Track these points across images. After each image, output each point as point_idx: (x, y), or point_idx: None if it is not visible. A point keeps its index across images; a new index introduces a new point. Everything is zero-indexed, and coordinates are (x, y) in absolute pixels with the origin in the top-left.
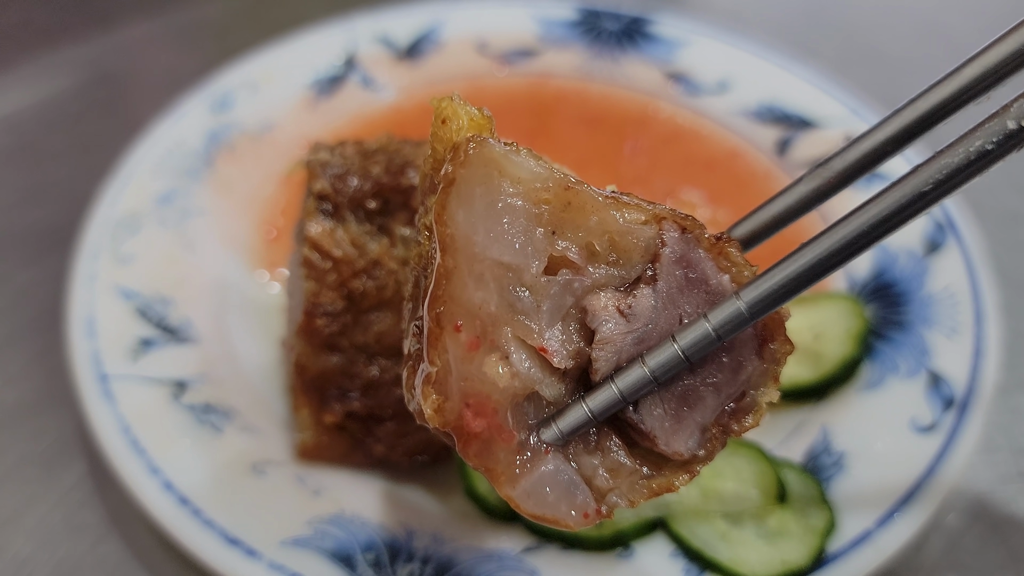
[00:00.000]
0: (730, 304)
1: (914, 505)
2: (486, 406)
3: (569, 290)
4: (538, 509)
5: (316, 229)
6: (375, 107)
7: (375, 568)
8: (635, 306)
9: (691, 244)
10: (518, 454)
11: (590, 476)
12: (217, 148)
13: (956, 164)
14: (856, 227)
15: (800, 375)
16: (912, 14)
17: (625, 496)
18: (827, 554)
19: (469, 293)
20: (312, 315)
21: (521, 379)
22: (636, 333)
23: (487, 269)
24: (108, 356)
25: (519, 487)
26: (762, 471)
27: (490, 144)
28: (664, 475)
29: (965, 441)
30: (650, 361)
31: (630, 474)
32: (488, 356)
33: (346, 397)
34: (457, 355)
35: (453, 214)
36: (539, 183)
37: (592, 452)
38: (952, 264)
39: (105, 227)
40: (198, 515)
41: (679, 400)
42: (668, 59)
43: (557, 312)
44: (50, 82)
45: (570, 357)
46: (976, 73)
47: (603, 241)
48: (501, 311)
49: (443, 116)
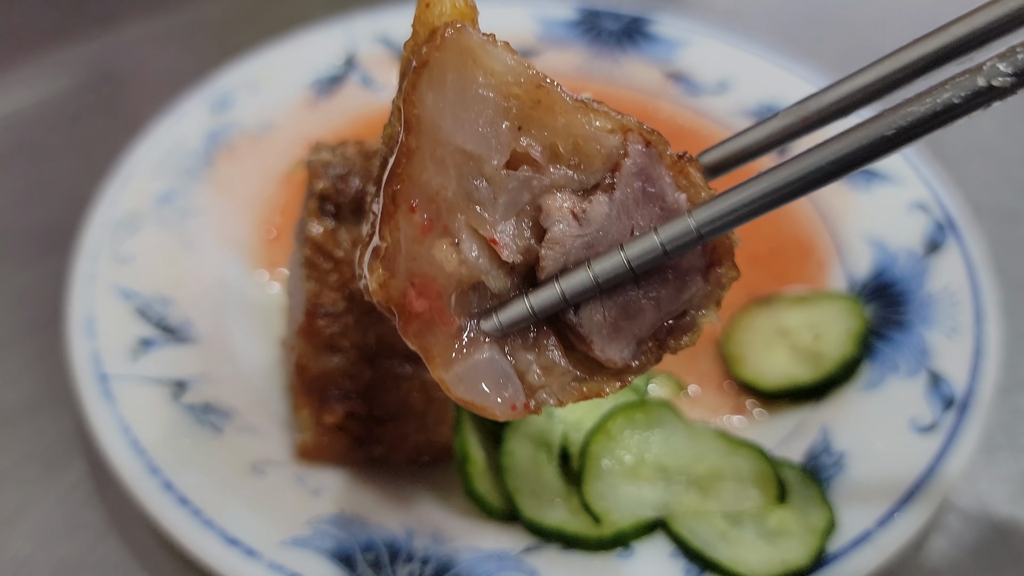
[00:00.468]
0: (681, 221)
1: (914, 505)
2: (431, 288)
3: (527, 187)
4: (468, 395)
5: (318, 230)
6: (375, 107)
7: (375, 568)
8: (589, 211)
9: (653, 159)
10: (456, 339)
11: (524, 371)
12: (217, 148)
13: (921, 113)
14: (814, 162)
15: (800, 375)
16: (912, 14)
17: (555, 395)
18: (827, 554)
19: (428, 176)
20: (313, 316)
21: (468, 267)
22: (586, 238)
23: (449, 155)
24: (108, 356)
25: (452, 371)
26: (762, 471)
27: (468, 32)
28: (595, 380)
29: (965, 441)
30: (596, 266)
31: (562, 374)
32: (439, 240)
33: (347, 398)
34: (408, 235)
35: (422, 95)
36: (511, 77)
37: (529, 348)
38: (952, 264)
39: (105, 227)
40: (198, 515)
41: (620, 310)
42: (668, 59)
43: (512, 207)
44: (50, 82)
45: (519, 252)
46: (962, 33)
47: (567, 143)
48: (457, 198)
49: (427, 0)
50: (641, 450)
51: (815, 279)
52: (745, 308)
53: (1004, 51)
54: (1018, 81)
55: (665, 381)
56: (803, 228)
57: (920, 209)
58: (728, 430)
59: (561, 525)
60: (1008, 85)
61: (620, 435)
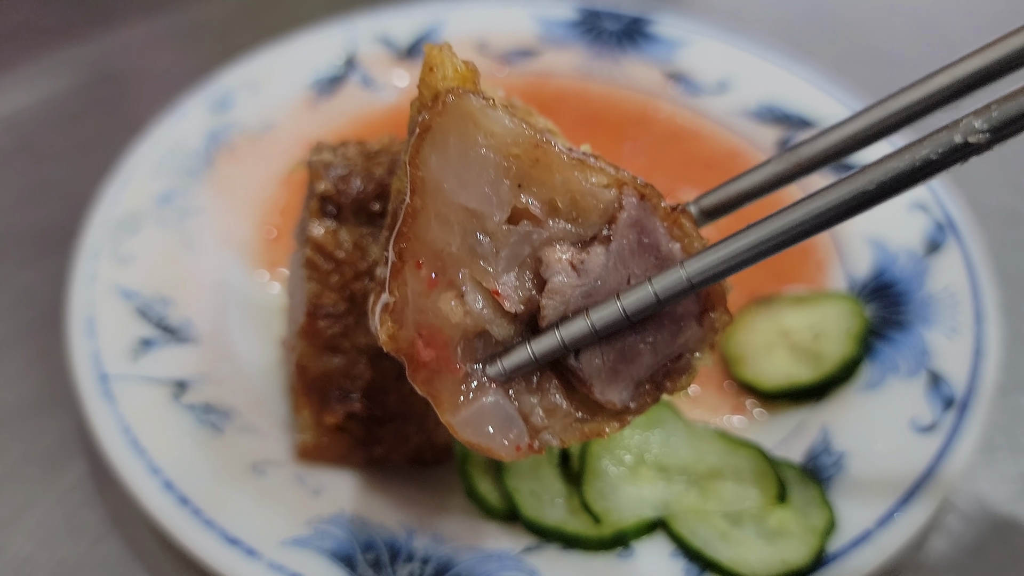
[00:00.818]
0: (674, 272)
1: (914, 505)
2: (437, 338)
3: (528, 240)
4: (474, 437)
5: (319, 230)
6: (375, 107)
7: (375, 568)
8: (587, 262)
9: (648, 211)
10: (462, 385)
11: (527, 413)
12: (217, 148)
13: (901, 169)
14: (799, 216)
15: (800, 375)
16: (912, 14)
17: (558, 435)
18: (827, 554)
19: (433, 233)
20: (314, 316)
21: (473, 317)
22: (585, 287)
23: (453, 213)
24: (108, 356)
25: (459, 415)
26: (762, 471)
27: (469, 97)
28: (596, 421)
29: (965, 441)
30: (594, 315)
31: (565, 416)
32: (444, 293)
33: (347, 398)
34: (415, 289)
35: (426, 158)
36: (510, 138)
37: (532, 392)
38: (952, 264)
39: (105, 227)
40: (198, 515)
41: (618, 354)
42: (668, 59)
43: (514, 259)
44: (50, 82)
45: (521, 302)
46: (945, 83)
47: (565, 199)
48: (461, 253)
49: (431, 64)
50: (641, 450)
51: (815, 279)
52: (745, 308)
53: (980, 108)
54: (993, 137)
55: None
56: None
57: (920, 209)
58: (728, 430)
59: (561, 525)
60: (984, 142)
61: (620, 435)
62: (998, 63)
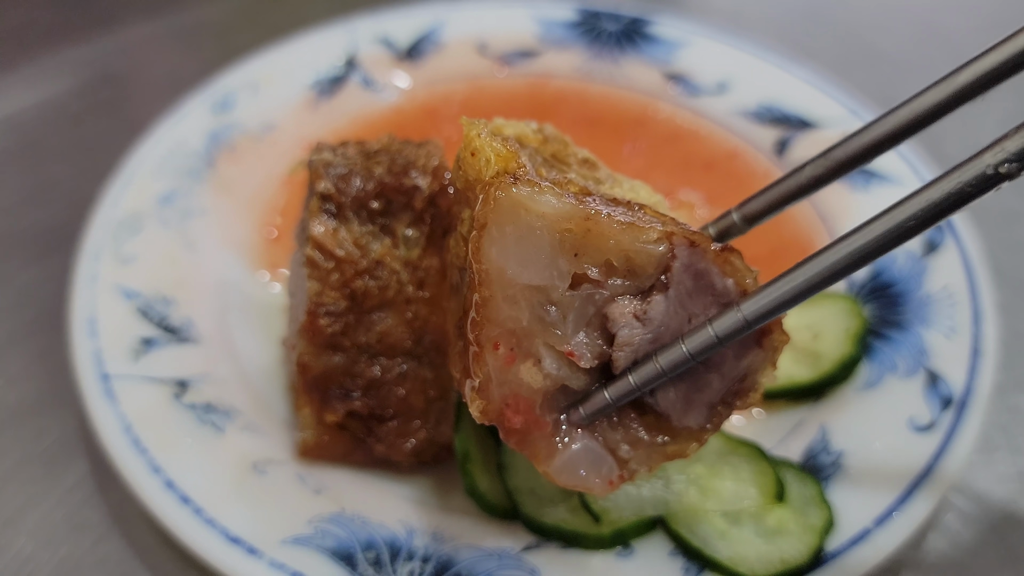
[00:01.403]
0: (732, 315)
1: (912, 504)
2: (522, 404)
3: (591, 301)
4: (571, 481)
5: (320, 229)
6: (376, 108)
7: (375, 567)
8: (650, 311)
9: (699, 255)
10: (552, 436)
11: (614, 448)
12: (218, 148)
13: (937, 200)
14: (845, 254)
15: (798, 374)
16: (911, 15)
17: (644, 463)
18: (826, 552)
19: (504, 314)
20: (315, 315)
21: (552, 379)
22: (650, 334)
23: (519, 292)
24: (109, 356)
25: (554, 464)
26: (761, 470)
27: (516, 189)
28: (677, 443)
29: (963, 440)
30: (662, 359)
31: (648, 445)
32: (523, 363)
33: (348, 396)
34: (496, 367)
35: (487, 253)
36: (562, 216)
37: (615, 428)
38: (950, 264)
39: (106, 227)
40: (199, 514)
41: (689, 386)
42: (667, 60)
43: (581, 320)
44: (51, 83)
45: (594, 358)
46: (971, 77)
47: (620, 258)
48: (532, 325)
49: (472, 149)
50: None
51: None
52: None
53: (1005, 134)
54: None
55: None
56: (803, 228)
57: None
58: (727, 429)
59: (561, 524)
60: (1015, 171)
61: None
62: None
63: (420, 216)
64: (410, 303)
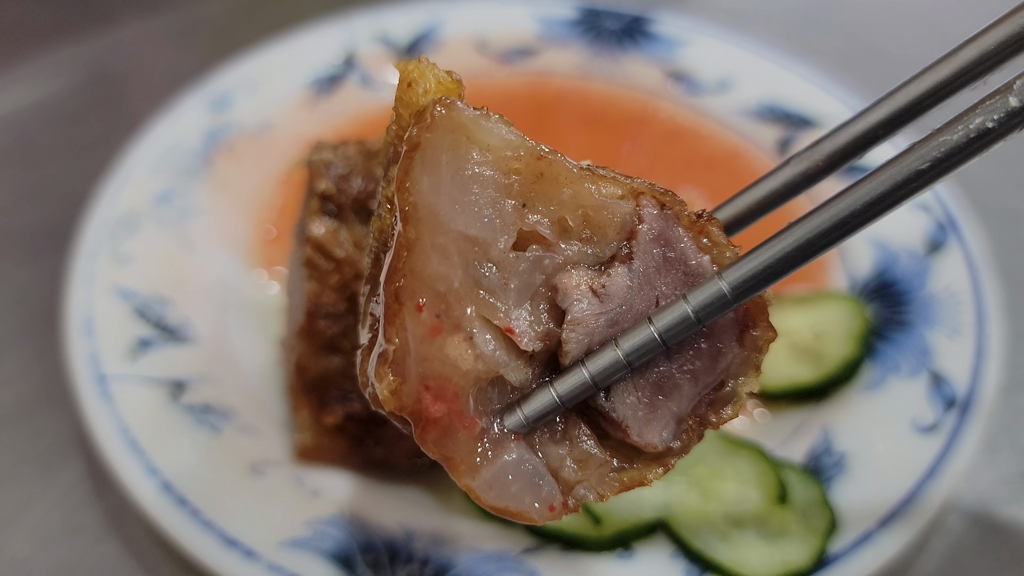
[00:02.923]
0: (711, 285)
1: (915, 506)
2: (447, 389)
3: (539, 267)
4: (500, 501)
5: (319, 230)
6: (375, 106)
7: (374, 569)
8: (609, 286)
9: (670, 221)
10: (479, 442)
11: (557, 467)
12: (216, 147)
13: (955, 142)
14: (847, 205)
15: (801, 375)
16: (913, 13)
17: (594, 489)
18: (828, 555)
19: (432, 267)
20: (314, 316)
21: (485, 362)
22: (609, 314)
23: (452, 242)
24: (106, 356)
25: (480, 477)
26: (763, 472)
27: (459, 107)
28: (636, 468)
29: (967, 442)
30: (624, 344)
31: (600, 465)
32: (450, 337)
33: (346, 398)
34: (417, 334)
35: (417, 181)
36: (510, 151)
37: (559, 441)
38: (954, 264)
39: (103, 227)
40: (196, 516)
41: (654, 388)
42: (668, 58)
43: (526, 291)
44: (48, 81)
45: (538, 339)
46: (972, 56)
47: (576, 216)
48: (465, 288)
49: (409, 79)
50: None
51: (816, 279)
52: None
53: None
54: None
55: None
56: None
57: (921, 209)
58: (729, 431)
59: (561, 526)
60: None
61: None
62: (1001, 45)
63: None
64: None
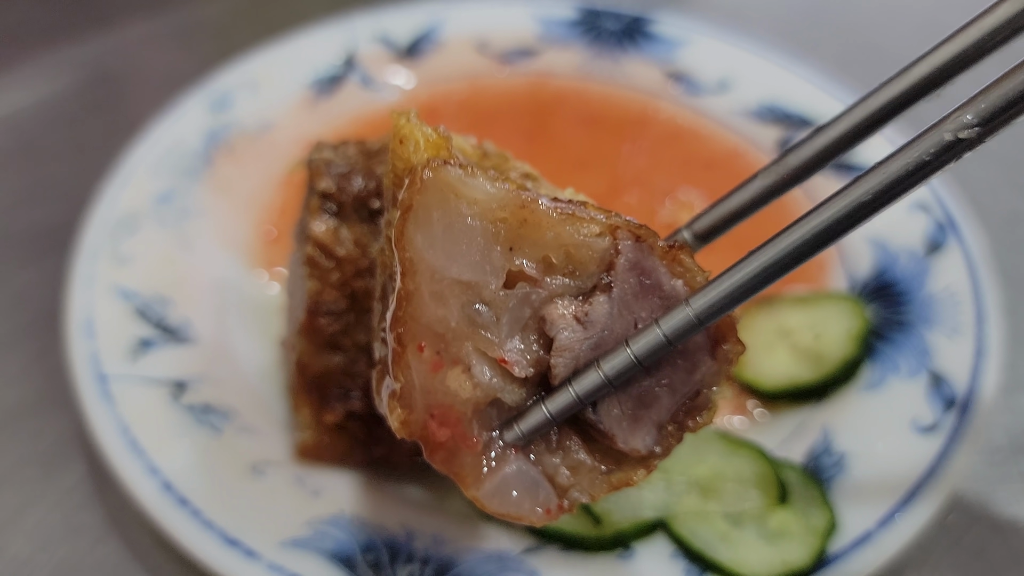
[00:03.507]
0: (680, 311)
1: (915, 505)
2: (450, 416)
3: (527, 302)
4: (502, 508)
5: (320, 228)
6: (375, 107)
7: (375, 569)
8: (591, 313)
9: (645, 252)
10: (483, 457)
11: (552, 474)
12: (216, 148)
13: (896, 174)
14: (798, 237)
15: (801, 375)
16: (913, 12)
17: (586, 491)
18: (828, 555)
19: (430, 312)
20: (315, 314)
21: (483, 389)
22: (593, 339)
23: (447, 288)
24: (107, 356)
25: (484, 488)
26: (763, 472)
27: (445, 169)
28: (623, 470)
29: (966, 441)
30: (605, 366)
31: (590, 470)
32: (451, 370)
33: (347, 397)
34: (420, 371)
35: (412, 238)
36: (495, 203)
37: (553, 451)
38: (953, 264)
39: (104, 227)
40: (197, 516)
41: (636, 401)
42: (668, 59)
43: (516, 324)
44: (49, 82)
45: (530, 365)
46: (926, 71)
47: (559, 254)
48: (461, 326)
49: (400, 135)
50: None
51: (816, 279)
52: (746, 309)
53: (966, 101)
54: (984, 130)
55: None
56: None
57: (921, 209)
58: (729, 431)
59: (561, 526)
60: (975, 136)
61: None
62: (975, 45)
63: None
64: None
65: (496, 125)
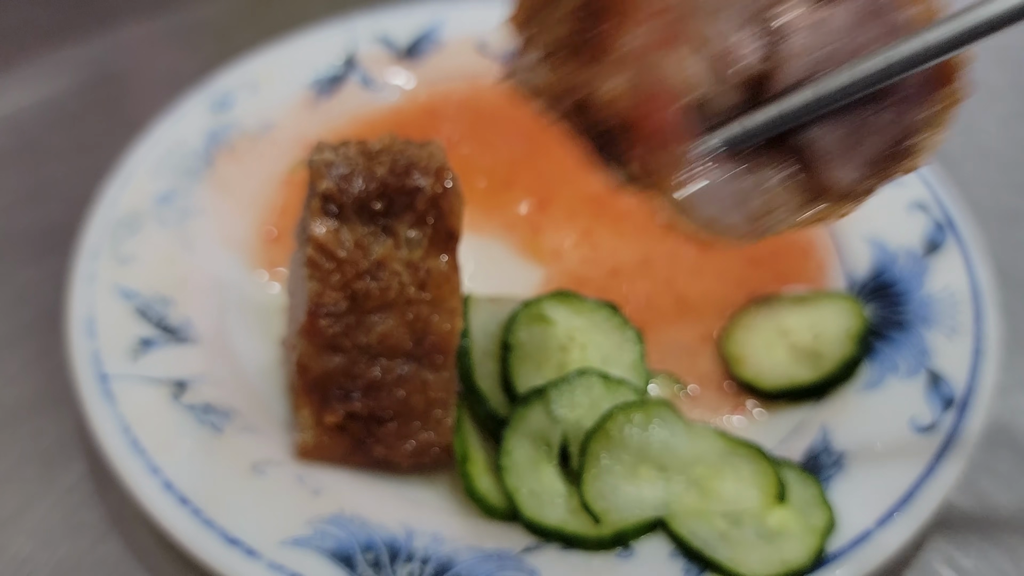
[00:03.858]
0: (912, 40)
1: (914, 505)
2: (665, 99)
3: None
4: (704, 214)
5: (321, 229)
6: (375, 107)
7: (375, 568)
8: (821, 25)
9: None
10: (681, 163)
11: (748, 195)
12: (217, 148)
13: None
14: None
15: (799, 375)
16: None
17: (782, 221)
18: (827, 553)
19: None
20: (315, 315)
21: (701, 79)
22: (817, 54)
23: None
24: (108, 356)
25: (686, 192)
26: (761, 471)
27: None
28: (824, 202)
29: (965, 441)
30: (825, 84)
31: (787, 200)
32: (674, 50)
33: (348, 397)
34: (645, 43)
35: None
36: None
37: (753, 171)
38: (952, 263)
39: (105, 227)
40: (198, 515)
41: (846, 131)
42: None
43: (743, 15)
44: (50, 82)
45: (750, 66)
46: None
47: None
48: (690, 8)
49: None
50: (641, 450)
51: (815, 279)
52: (745, 308)
53: None
54: None
55: (665, 381)
56: None
57: (919, 209)
58: (728, 430)
59: (561, 525)
60: None
61: (620, 435)
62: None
63: (422, 217)
64: (411, 304)
65: (495, 126)
